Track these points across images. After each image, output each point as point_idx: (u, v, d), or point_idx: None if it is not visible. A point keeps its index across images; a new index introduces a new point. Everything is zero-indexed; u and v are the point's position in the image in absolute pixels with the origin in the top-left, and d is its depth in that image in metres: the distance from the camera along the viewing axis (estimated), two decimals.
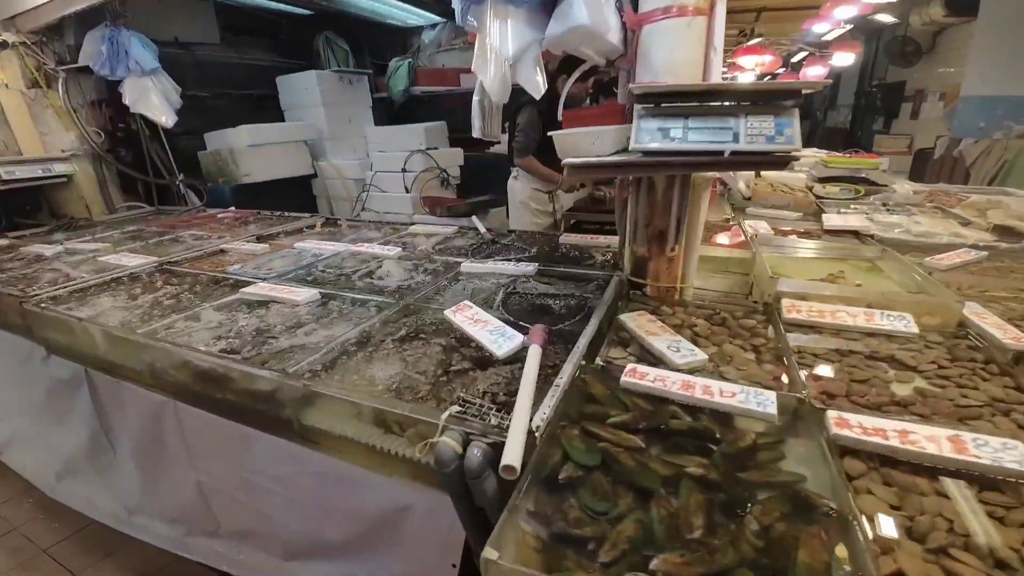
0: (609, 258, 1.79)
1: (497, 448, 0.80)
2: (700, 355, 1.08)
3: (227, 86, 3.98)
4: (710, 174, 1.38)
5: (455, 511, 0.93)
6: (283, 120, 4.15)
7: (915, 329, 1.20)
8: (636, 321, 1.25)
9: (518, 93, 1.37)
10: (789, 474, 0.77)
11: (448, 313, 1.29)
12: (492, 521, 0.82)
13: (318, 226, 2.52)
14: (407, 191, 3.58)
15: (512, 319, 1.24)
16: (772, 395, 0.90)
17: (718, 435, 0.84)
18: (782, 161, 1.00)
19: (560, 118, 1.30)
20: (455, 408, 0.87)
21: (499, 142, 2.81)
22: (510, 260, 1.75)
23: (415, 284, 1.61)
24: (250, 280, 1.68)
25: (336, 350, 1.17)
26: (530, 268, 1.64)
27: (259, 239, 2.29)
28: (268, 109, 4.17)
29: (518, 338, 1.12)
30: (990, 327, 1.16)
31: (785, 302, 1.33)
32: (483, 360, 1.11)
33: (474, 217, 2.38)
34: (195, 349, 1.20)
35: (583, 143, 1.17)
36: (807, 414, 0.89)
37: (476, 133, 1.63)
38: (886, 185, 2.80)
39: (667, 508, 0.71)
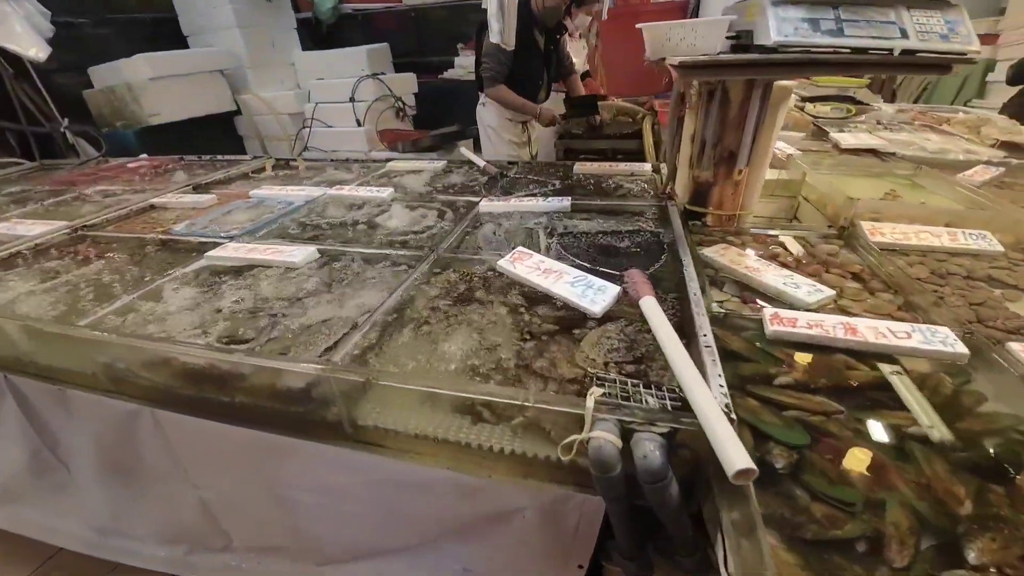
0: (645, 187, 1.58)
1: (670, 439, 0.61)
2: (826, 290, 0.93)
3: (110, 9, 3.10)
4: (790, 82, 1.18)
5: (578, 508, 0.75)
6: (187, 48, 3.36)
7: (999, 247, 1.13)
8: (726, 256, 1.08)
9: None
10: (1013, 418, 0.65)
11: (504, 264, 1.03)
12: (673, 531, 0.65)
13: (268, 168, 2.06)
14: (359, 124, 3.08)
15: (588, 265, 1.01)
16: (947, 332, 0.77)
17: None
18: (952, 63, 0.81)
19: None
20: (596, 391, 0.65)
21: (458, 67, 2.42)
22: (535, 195, 1.48)
23: (433, 232, 1.31)
24: (213, 240, 1.29)
25: (376, 324, 0.89)
26: (564, 203, 1.40)
27: (197, 189, 1.83)
28: (165, 36, 3.33)
29: (611, 289, 0.91)
30: None
31: (866, 225, 1.21)
32: (573, 320, 0.88)
33: (464, 149, 2.05)
34: (185, 343, 0.87)
35: (684, 38, 0.91)
36: (980, 347, 0.77)
37: (495, 38, 1.29)
38: (870, 104, 2.77)
39: (914, 481, 0.56)
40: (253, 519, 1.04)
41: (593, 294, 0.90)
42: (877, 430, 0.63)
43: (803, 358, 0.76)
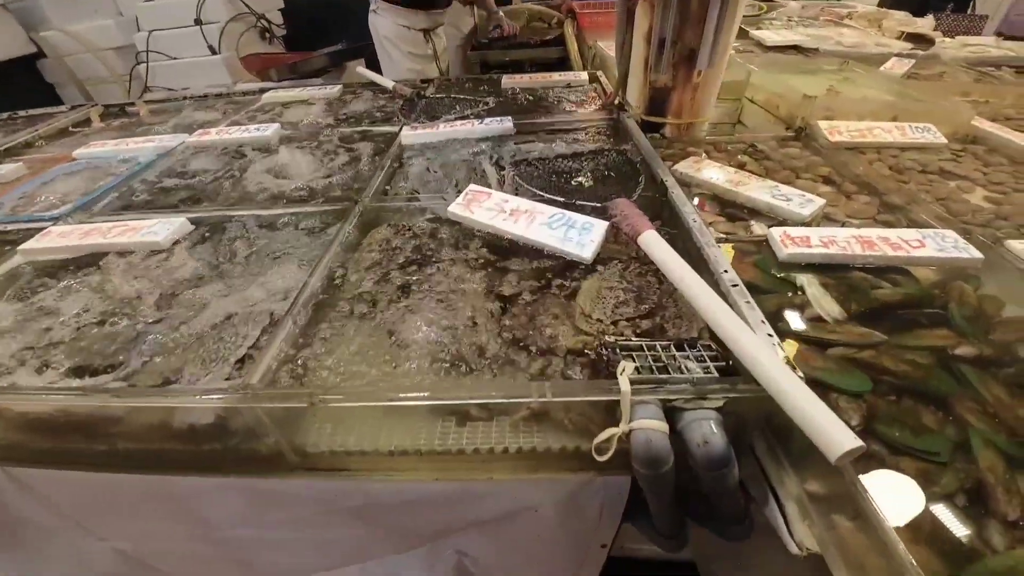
0: (586, 98, 1.38)
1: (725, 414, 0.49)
2: (816, 199, 0.84)
3: None
4: None
5: (601, 492, 0.64)
6: None
7: (942, 139, 1.12)
8: (701, 170, 0.95)
9: None
10: None
11: (456, 209, 0.81)
12: (727, 508, 0.55)
13: (95, 119, 1.54)
14: (213, 52, 2.44)
15: (561, 199, 0.83)
16: (953, 234, 0.71)
17: (935, 297, 0.64)
18: None
19: None
20: (628, 366, 0.51)
21: None
22: (467, 118, 1.23)
23: (347, 176, 1.03)
24: (28, 226, 0.91)
25: (300, 316, 0.66)
26: (505, 124, 1.17)
27: None
28: None
29: (598, 226, 0.74)
30: (997, 131, 1.13)
31: (824, 124, 1.13)
32: (556, 270, 0.71)
33: (360, 69, 1.67)
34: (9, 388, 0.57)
35: None
36: (982, 247, 0.73)
37: None
38: (776, 1, 2.71)
39: (979, 410, 0.50)
40: (193, 559, 0.82)
41: (578, 235, 0.72)
42: (919, 355, 0.56)
43: (820, 281, 0.67)
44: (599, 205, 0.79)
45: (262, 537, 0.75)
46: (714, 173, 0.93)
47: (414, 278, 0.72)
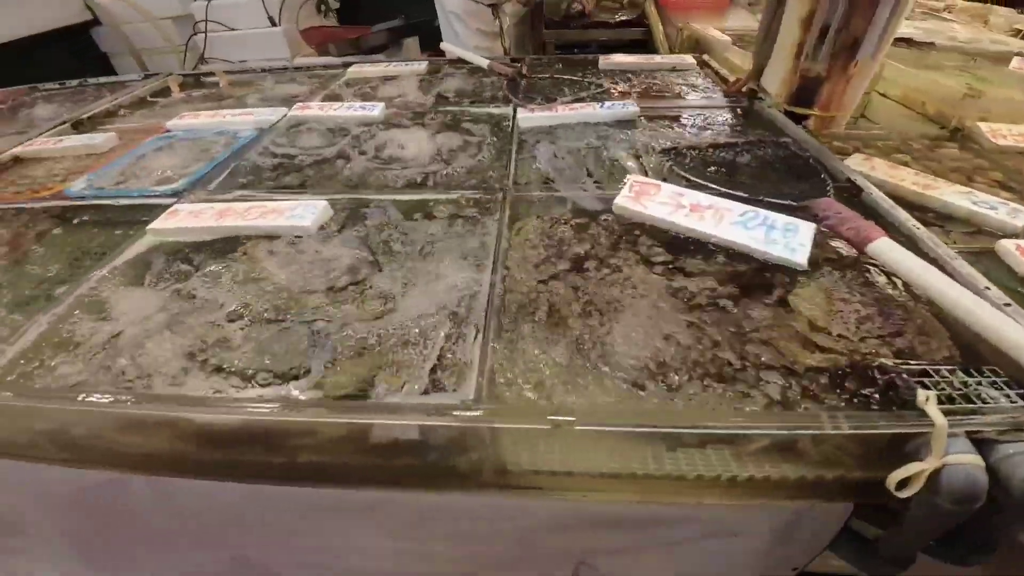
0: (701, 83, 1.28)
1: None
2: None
3: None
4: None
5: (815, 520, 0.58)
6: None
7: None
8: (876, 169, 0.86)
9: None
10: None
11: (624, 203, 0.74)
12: (993, 543, 0.48)
13: (175, 89, 1.47)
14: (273, 23, 2.36)
15: (744, 195, 0.74)
16: None
17: None
18: None
19: None
20: (929, 394, 0.44)
21: None
22: (584, 101, 1.14)
23: (476, 161, 0.96)
24: (146, 201, 0.85)
25: (486, 321, 0.59)
26: (629, 109, 1.08)
27: (77, 127, 1.25)
28: None
29: (803, 227, 0.66)
30: None
31: (984, 126, 1.03)
32: (756, 276, 0.64)
33: (448, 45, 1.58)
34: (201, 401, 0.52)
35: None
36: None
37: None
38: None
39: None
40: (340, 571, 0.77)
41: (783, 237, 0.65)
42: None
43: None
44: (795, 204, 0.71)
45: (414, 550, 0.70)
46: (896, 173, 0.84)
47: (591, 279, 0.65)
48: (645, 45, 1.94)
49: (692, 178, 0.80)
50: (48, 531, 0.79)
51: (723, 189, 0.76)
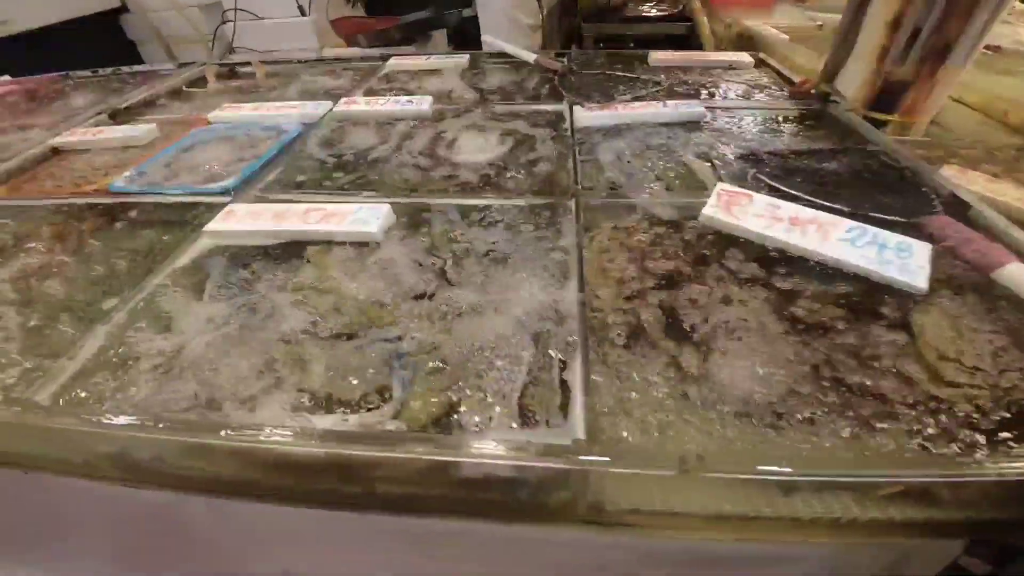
0: (763, 83, 1.22)
1: None
2: None
3: None
4: None
5: (923, 560, 0.53)
6: None
7: None
8: (973, 182, 0.80)
9: None
10: None
11: (715, 214, 0.68)
12: None
13: (211, 79, 1.43)
14: (303, 12, 2.31)
15: (845, 209, 0.69)
16: None
17: None
18: None
19: None
20: None
21: None
22: (644, 100, 1.08)
23: (536, 161, 0.91)
24: (196, 199, 0.81)
25: (577, 347, 0.54)
26: (695, 109, 1.02)
27: (114, 117, 1.22)
28: None
29: (918, 248, 0.60)
30: None
31: None
32: (863, 298, 0.58)
33: (490, 38, 1.52)
34: (287, 435, 0.47)
35: None
36: None
37: None
38: None
39: None
40: None
41: (897, 257, 0.59)
42: None
43: None
44: (903, 220, 0.65)
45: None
46: (996, 187, 0.78)
47: (684, 298, 0.60)
48: (685, 40, 1.86)
49: (783, 188, 0.74)
50: (93, 542, 0.76)
51: (820, 201, 0.70)
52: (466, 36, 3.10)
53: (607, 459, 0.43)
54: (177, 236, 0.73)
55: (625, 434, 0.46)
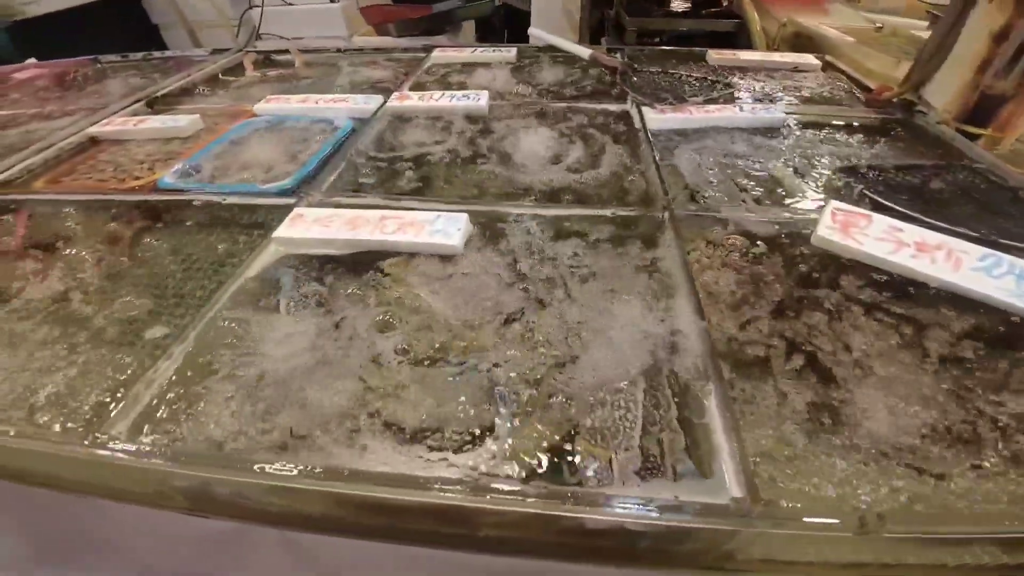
0: (831, 88, 1.15)
1: None
2: None
3: None
4: None
5: None
6: None
7: None
8: None
9: None
10: None
11: (831, 236, 0.63)
12: None
13: (249, 67, 1.37)
14: (331, 0, 2.24)
15: (967, 232, 0.63)
16: None
17: None
18: None
19: None
20: None
21: None
22: (718, 102, 1.02)
23: (603, 171, 0.85)
24: (255, 201, 0.76)
25: (705, 386, 0.49)
26: (776, 115, 0.96)
27: (152, 105, 1.16)
28: None
29: None
30: None
31: None
32: (998, 330, 0.53)
33: (536, 30, 1.45)
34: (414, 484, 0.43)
35: None
36: None
37: None
38: None
39: None
40: None
41: None
42: None
43: None
44: (1000, 240, 0.59)
45: None
46: None
47: (808, 328, 0.55)
48: (732, 38, 1.79)
49: (899, 208, 0.69)
50: (141, 562, 0.71)
51: (942, 224, 0.64)
52: (492, 27, 3.03)
53: (774, 520, 0.38)
54: (243, 241, 0.68)
55: (781, 485, 0.41)
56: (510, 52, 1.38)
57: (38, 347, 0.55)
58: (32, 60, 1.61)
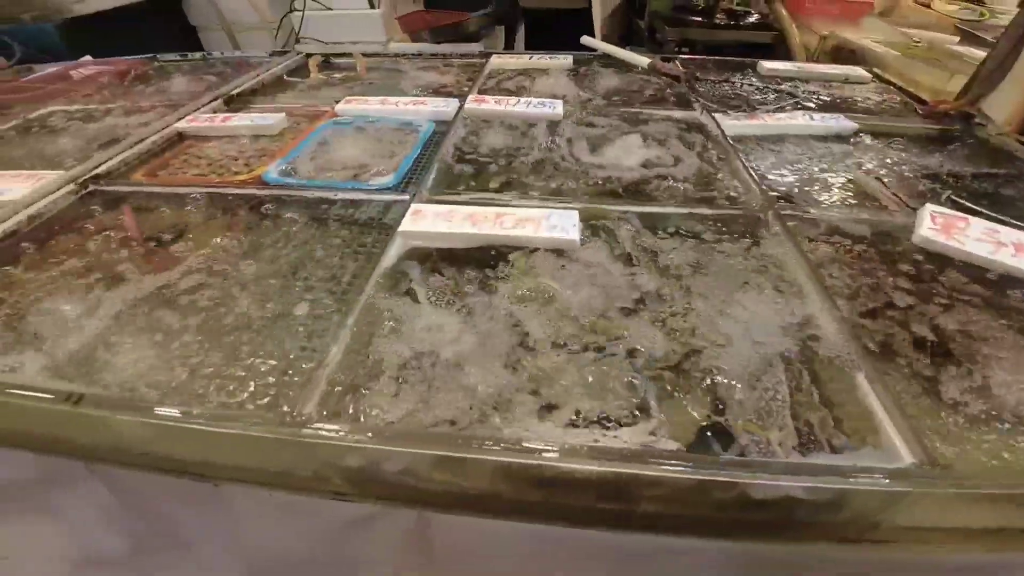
0: (885, 99, 1.20)
1: None
2: None
3: None
4: None
5: None
6: None
7: None
8: None
9: None
10: None
11: (934, 236, 0.66)
12: None
13: (313, 70, 1.41)
14: (372, 6, 2.28)
15: None
16: None
17: None
18: None
19: None
20: None
21: None
22: (786, 110, 1.06)
23: (691, 175, 0.88)
24: (368, 197, 0.79)
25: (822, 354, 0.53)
26: (844, 124, 1.00)
27: (229, 103, 1.19)
28: None
29: None
30: None
31: None
32: None
33: (589, 39, 1.50)
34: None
35: None
36: None
37: None
38: (993, 6, 2.43)
39: None
40: None
41: None
42: None
43: None
44: None
45: None
46: None
47: (926, 318, 0.58)
48: (771, 49, 1.84)
49: (985, 211, 0.72)
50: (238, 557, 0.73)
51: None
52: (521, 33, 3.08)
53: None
54: (371, 235, 0.71)
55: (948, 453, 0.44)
56: (566, 59, 1.42)
57: (225, 334, 0.57)
58: (88, 57, 1.64)
